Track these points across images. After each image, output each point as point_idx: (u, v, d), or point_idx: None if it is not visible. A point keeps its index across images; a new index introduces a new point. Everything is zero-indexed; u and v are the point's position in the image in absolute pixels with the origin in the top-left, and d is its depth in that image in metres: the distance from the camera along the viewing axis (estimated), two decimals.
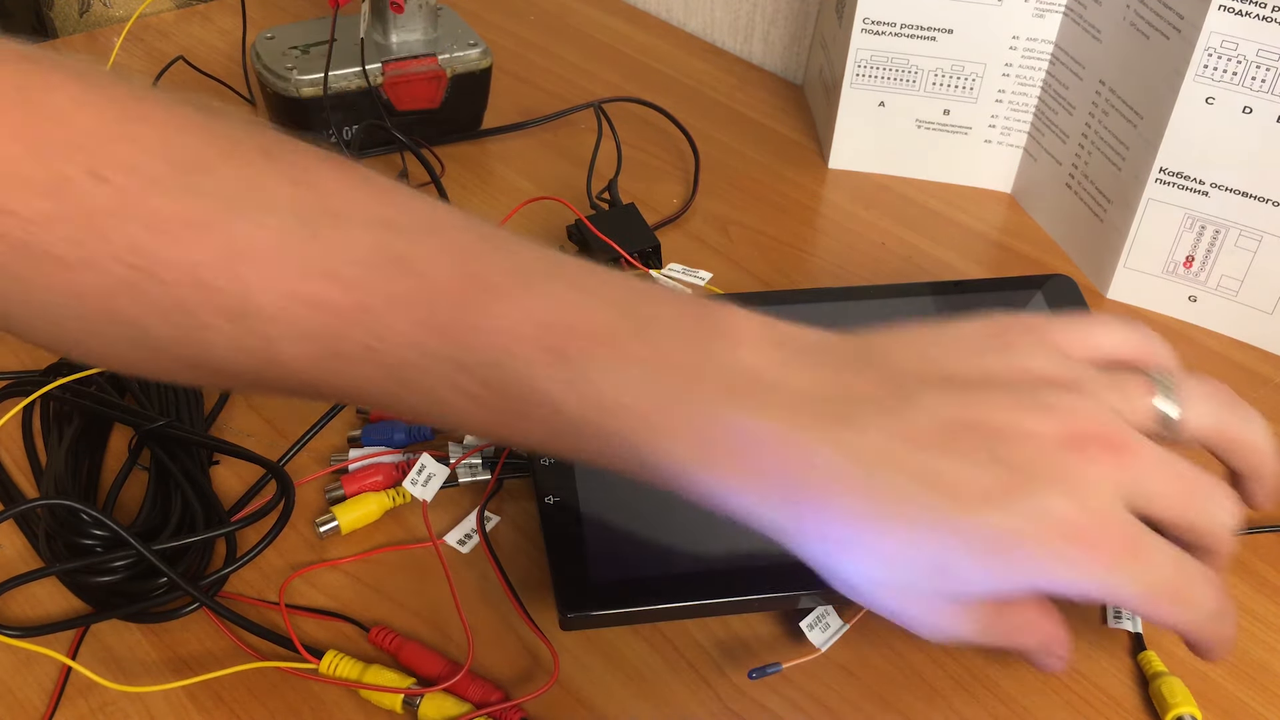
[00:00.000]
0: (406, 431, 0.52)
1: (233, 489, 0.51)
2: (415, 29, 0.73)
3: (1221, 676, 0.46)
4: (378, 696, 0.42)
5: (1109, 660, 0.46)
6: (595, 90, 0.82)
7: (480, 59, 0.74)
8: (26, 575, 0.45)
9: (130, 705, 0.43)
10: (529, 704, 0.43)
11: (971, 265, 0.68)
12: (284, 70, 0.71)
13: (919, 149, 0.74)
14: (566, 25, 0.91)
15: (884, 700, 0.44)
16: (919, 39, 0.70)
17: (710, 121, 0.80)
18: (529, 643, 0.45)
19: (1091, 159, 0.67)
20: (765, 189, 0.74)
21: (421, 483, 0.50)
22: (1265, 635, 0.47)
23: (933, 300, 0.52)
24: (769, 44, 0.89)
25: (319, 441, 0.53)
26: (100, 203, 0.30)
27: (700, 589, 0.42)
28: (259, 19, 0.85)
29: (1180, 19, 0.58)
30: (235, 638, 0.45)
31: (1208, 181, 0.60)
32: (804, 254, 0.68)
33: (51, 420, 0.52)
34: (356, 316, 0.32)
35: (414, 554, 0.49)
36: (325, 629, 0.46)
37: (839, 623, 0.44)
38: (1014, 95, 0.71)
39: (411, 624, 0.46)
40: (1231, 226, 0.61)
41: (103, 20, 0.93)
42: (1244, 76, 0.57)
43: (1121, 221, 0.64)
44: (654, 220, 0.69)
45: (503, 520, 0.50)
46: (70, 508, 0.45)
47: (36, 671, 0.44)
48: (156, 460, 0.49)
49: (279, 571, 0.48)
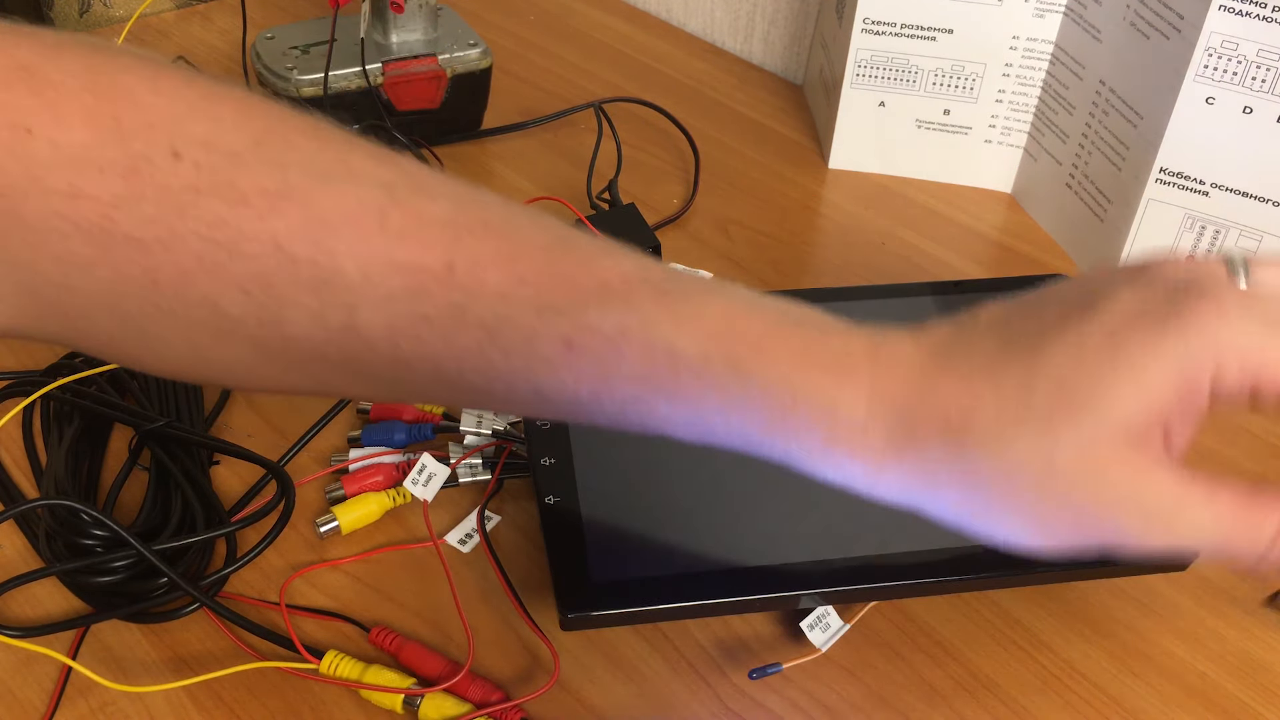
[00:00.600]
0: (406, 431, 0.52)
1: (233, 489, 0.51)
2: (415, 29, 0.73)
3: (1222, 676, 0.46)
4: (378, 696, 0.42)
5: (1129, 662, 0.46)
6: (595, 90, 0.82)
7: (480, 59, 0.74)
8: (27, 575, 0.45)
9: (130, 705, 0.43)
10: (529, 704, 0.43)
11: (971, 265, 0.68)
12: (284, 70, 0.71)
13: (919, 149, 0.74)
14: (566, 25, 0.91)
15: (884, 700, 0.44)
16: (919, 39, 0.70)
17: (710, 121, 0.80)
18: (529, 643, 0.45)
19: (1092, 159, 0.67)
20: (765, 189, 0.74)
21: (422, 482, 0.50)
22: (1265, 635, 0.47)
23: (933, 300, 0.52)
24: (769, 44, 0.89)
25: (319, 441, 0.53)
26: (180, 179, 0.30)
27: (700, 589, 0.42)
28: (259, 19, 0.85)
29: (1180, 19, 0.58)
30: (235, 638, 0.45)
31: (1208, 181, 0.60)
32: (804, 254, 0.68)
33: (51, 420, 0.52)
34: (444, 275, 0.31)
35: (414, 554, 0.49)
36: (325, 629, 0.46)
37: (839, 623, 0.44)
38: (1014, 95, 0.71)
39: (412, 624, 0.46)
40: (1231, 226, 0.61)
41: (103, 20, 0.93)
42: (1244, 76, 0.57)
43: (1122, 221, 0.64)
44: (654, 220, 0.69)
45: (503, 520, 0.50)
46: (70, 508, 0.45)
47: (37, 671, 0.44)
48: (157, 460, 0.49)
49: (279, 572, 0.48)
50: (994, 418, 0.30)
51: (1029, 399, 0.30)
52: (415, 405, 0.53)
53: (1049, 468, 0.30)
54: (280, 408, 0.55)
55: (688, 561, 0.43)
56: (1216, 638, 0.47)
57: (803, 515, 0.45)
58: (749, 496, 0.45)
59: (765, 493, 0.46)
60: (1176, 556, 0.45)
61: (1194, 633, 0.47)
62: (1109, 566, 0.45)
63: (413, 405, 0.53)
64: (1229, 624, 0.48)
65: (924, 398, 0.31)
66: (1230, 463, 0.56)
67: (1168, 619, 0.48)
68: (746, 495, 0.45)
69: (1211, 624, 0.48)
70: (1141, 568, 0.46)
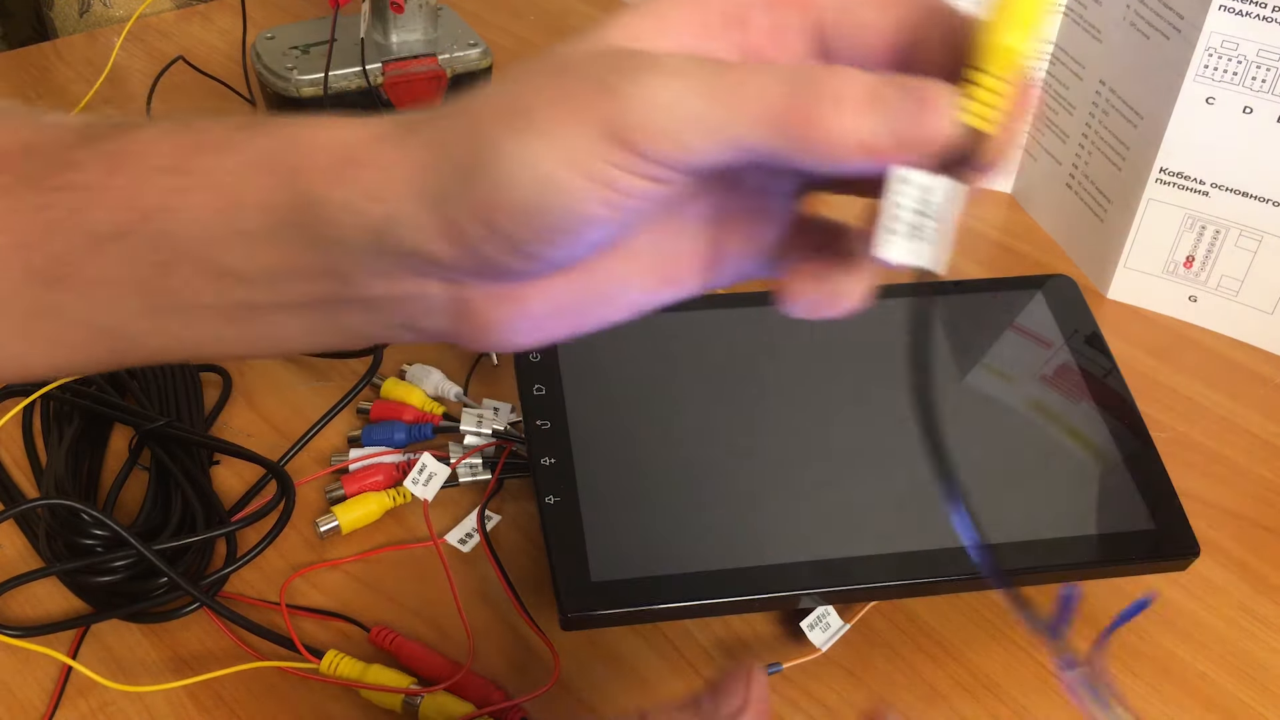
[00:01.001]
0: (406, 431, 0.52)
1: (233, 489, 0.51)
2: (415, 29, 0.73)
3: (1221, 676, 0.46)
4: (378, 696, 0.42)
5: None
6: None
7: (480, 59, 0.74)
8: (27, 575, 0.45)
9: (130, 705, 0.43)
10: (529, 704, 0.43)
11: (971, 265, 0.68)
12: (284, 70, 0.71)
13: None
14: (566, 25, 0.91)
15: (884, 700, 0.44)
16: None
17: None
18: (529, 643, 0.45)
19: (1092, 159, 0.67)
20: None
21: (422, 482, 0.50)
22: (1265, 635, 0.47)
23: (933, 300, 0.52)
24: None
25: (319, 441, 0.53)
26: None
27: (700, 589, 0.42)
28: (259, 19, 0.85)
29: (1180, 19, 0.58)
30: (236, 638, 0.45)
31: (1208, 181, 0.60)
32: None
33: (51, 420, 0.52)
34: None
35: (414, 554, 0.49)
36: (326, 629, 0.46)
37: (839, 623, 0.44)
38: None
39: (412, 624, 0.46)
40: (1231, 226, 0.61)
41: (103, 20, 0.93)
42: (1244, 76, 0.57)
43: (1122, 221, 0.64)
44: None
45: (503, 520, 0.50)
46: (70, 508, 0.45)
47: (37, 671, 0.44)
48: (157, 460, 0.49)
49: (279, 571, 0.48)
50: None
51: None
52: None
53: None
54: (281, 408, 0.55)
55: (688, 561, 0.43)
56: (1216, 638, 0.47)
57: (803, 515, 0.45)
58: (749, 496, 0.45)
59: (765, 492, 0.46)
60: (1176, 557, 0.45)
61: (1194, 633, 0.47)
62: (1109, 566, 0.45)
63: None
64: (1229, 624, 0.48)
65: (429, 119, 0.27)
66: (1230, 463, 0.56)
67: (1168, 619, 0.48)
68: (747, 495, 0.45)
69: (1211, 624, 0.48)
70: (1142, 568, 0.46)
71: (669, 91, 0.24)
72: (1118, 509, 0.46)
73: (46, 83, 0.80)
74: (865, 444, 0.47)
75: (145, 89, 0.75)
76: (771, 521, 0.45)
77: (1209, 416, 0.58)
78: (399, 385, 0.54)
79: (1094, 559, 0.45)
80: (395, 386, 0.54)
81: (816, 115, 0.24)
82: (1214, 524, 0.52)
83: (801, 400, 0.48)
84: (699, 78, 0.24)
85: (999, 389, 0.50)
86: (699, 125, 0.24)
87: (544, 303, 0.28)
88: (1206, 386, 0.60)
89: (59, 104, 0.77)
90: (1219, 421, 0.58)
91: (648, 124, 0.24)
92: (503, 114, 0.26)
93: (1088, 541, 0.45)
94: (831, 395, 0.49)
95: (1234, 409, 0.59)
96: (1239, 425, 0.58)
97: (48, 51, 0.84)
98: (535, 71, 0.27)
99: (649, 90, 0.24)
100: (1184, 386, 0.60)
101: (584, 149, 0.25)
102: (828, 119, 0.24)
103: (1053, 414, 0.49)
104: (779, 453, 0.47)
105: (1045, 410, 0.49)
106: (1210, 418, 0.58)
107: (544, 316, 0.29)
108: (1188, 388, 0.60)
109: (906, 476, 0.46)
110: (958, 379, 0.50)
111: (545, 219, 0.25)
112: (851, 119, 0.24)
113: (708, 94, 0.24)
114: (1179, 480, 0.47)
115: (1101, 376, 0.50)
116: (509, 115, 0.25)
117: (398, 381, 0.55)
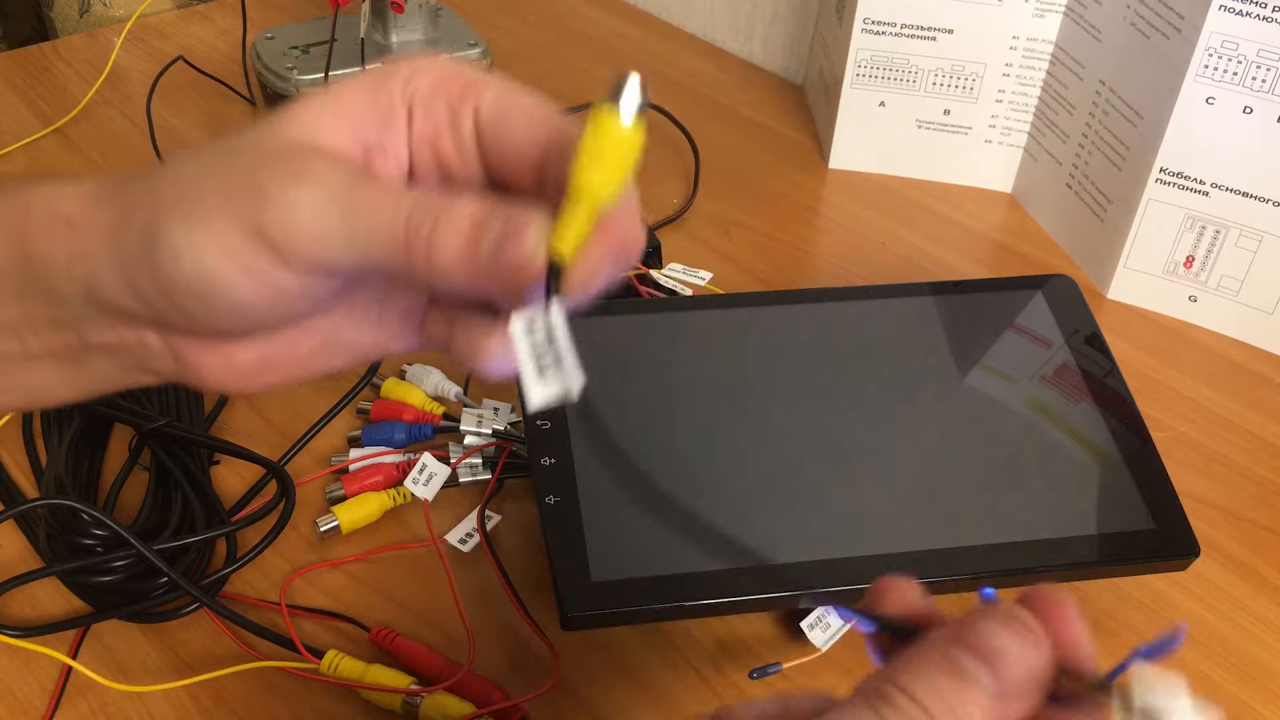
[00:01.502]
0: (407, 431, 0.52)
1: (233, 489, 0.51)
2: (415, 29, 0.73)
3: (1222, 676, 0.46)
4: (378, 696, 0.42)
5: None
6: (595, 90, 0.82)
7: (480, 59, 0.74)
8: (27, 575, 0.45)
9: (130, 705, 0.43)
10: (529, 704, 0.43)
11: (971, 265, 0.68)
12: (284, 70, 0.71)
13: (919, 149, 0.74)
14: (566, 25, 0.91)
15: None
16: (919, 39, 0.70)
17: (710, 121, 0.80)
18: (530, 643, 0.45)
19: (1092, 159, 0.67)
20: (765, 189, 0.74)
21: (423, 482, 0.50)
22: (1265, 635, 0.47)
23: (933, 300, 0.53)
24: (769, 44, 0.89)
25: (319, 441, 0.53)
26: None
27: (700, 589, 0.42)
28: (259, 19, 0.85)
29: (1180, 19, 0.58)
30: (236, 638, 0.45)
31: (1208, 181, 0.60)
32: (804, 254, 0.68)
33: (51, 420, 0.52)
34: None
35: (415, 554, 0.49)
36: (326, 629, 0.46)
37: (839, 623, 0.44)
38: (1014, 95, 0.71)
39: (412, 624, 0.46)
40: (1231, 226, 0.61)
41: (103, 20, 0.93)
42: (1244, 76, 0.57)
43: (1122, 221, 0.64)
44: (654, 220, 0.69)
45: (503, 520, 0.50)
46: (70, 508, 0.45)
47: (37, 671, 0.44)
48: (157, 460, 0.49)
49: (280, 571, 0.48)
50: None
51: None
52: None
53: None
54: (281, 408, 0.55)
55: (688, 561, 0.43)
56: (1216, 638, 0.47)
57: (803, 515, 0.45)
58: (749, 496, 0.45)
59: (766, 492, 0.46)
60: (1176, 557, 0.45)
61: (1193, 632, 0.47)
62: (1109, 566, 0.45)
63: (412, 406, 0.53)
64: (1229, 624, 0.48)
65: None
66: (1230, 463, 0.56)
67: (1168, 619, 0.48)
68: (747, 495, 0.45)
69: (1211, 624, 0.48)
70: (1142, 568, 0.46)
71: (310, 203, 0.27)
72: (1118, 509, 0.46)
73: (46, 83, 0.80)
74: (865, 444, 0.47)
75: (145, 89, 0.75)
76: (772, 522, 0.45)
77: (1209, 416, 0.58)
78: (399, 385, 0.54)
79: (1094, 559, 0.45)
80: (395, 386, 0.54)
81: (429, 242, 0.26)
82: (1214, 524, 0.52)
83: (801, 400, 0.48)
84: (341, 190, 0.27)
85: (999, 389, 0.50)
86: (332, 237, 0.27)
87: (252, 357, 0.30)
88: (1206, 386, 0.60)
89: (59, 104, 0.77)
90: (1219, 421, 0.58)
91: (289, 230, 0.27)
92: (178, 197, 0.28)
93: (1088, 541, 0.45)
94: (831, 395, 0.49)
95: (1234, 409, 0.59)
96: (1239, 425, 0.58)
97: (48, 51, 0.84)
98: (217, 155, 0.29)
99: (293, 198, 0.27)
100: (1184, 386, 0.60)
101: (237, 245, 0.27)
102: (437, 246, 0.26)
103: (1053, 414, 0.49)
104: (779, 453, 0.47)
105: (1045, 410, 0.49)
106: (1210, 418, 0.58)
107: (255, 369, 0.31)
108: (1188, 388, 0.60)
109: (906, 476, 0.46)
110: (958, 379, 0.50)
111: (208, 300, 0.28)
112: (455, 247, 0.26)
113: (346, 208, 0.27)
114: (1179, 480, 0.47)
115: (1101, 376, 0.50)
116: (181, 200, 0.28)
117: (398, 381, 0.55)
